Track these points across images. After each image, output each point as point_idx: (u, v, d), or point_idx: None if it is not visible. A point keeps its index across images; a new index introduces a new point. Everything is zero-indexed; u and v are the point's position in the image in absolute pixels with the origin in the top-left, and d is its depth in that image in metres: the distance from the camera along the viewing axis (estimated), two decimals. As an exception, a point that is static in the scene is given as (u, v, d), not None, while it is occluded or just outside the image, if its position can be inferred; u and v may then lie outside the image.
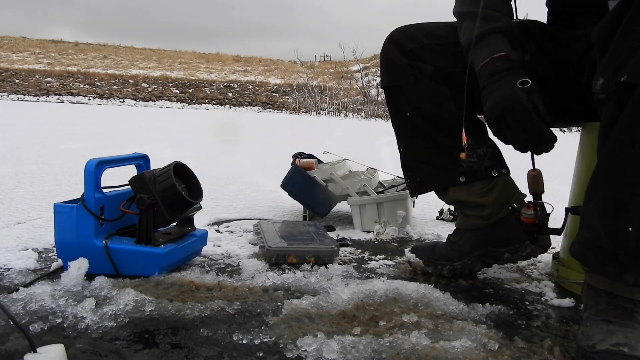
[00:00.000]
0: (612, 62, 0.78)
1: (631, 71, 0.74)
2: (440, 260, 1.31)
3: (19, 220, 1.79)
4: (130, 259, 1.21)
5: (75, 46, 39.12)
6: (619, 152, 0.78)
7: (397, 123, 1.34)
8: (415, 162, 1.33)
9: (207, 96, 27.05)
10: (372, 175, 2.09)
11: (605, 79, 0.79)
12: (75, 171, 3.07)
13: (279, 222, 1.73)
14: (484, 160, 1.26)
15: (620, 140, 0.77)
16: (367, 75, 27.82)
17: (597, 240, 0.82)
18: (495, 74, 1.03)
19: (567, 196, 1.46)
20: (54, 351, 0.78)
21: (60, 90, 24.72)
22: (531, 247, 1.25)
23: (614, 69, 0.77)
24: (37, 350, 0.77)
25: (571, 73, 1.15)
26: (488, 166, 1.26)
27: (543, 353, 0.90)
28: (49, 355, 0.77)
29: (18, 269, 1.24)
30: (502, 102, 1.00)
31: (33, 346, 0.76)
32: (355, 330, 0.95)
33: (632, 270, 0.77)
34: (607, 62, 0.79)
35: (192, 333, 0.94)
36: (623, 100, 0.76)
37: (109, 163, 1.26)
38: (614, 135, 0.79)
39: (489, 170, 1.25)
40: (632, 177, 0.76)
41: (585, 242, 0.84)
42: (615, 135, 0.78)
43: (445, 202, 1.36)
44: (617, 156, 0.78)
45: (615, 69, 0.76)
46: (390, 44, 1.29)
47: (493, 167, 1.26)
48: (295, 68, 35.48)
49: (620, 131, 0.77)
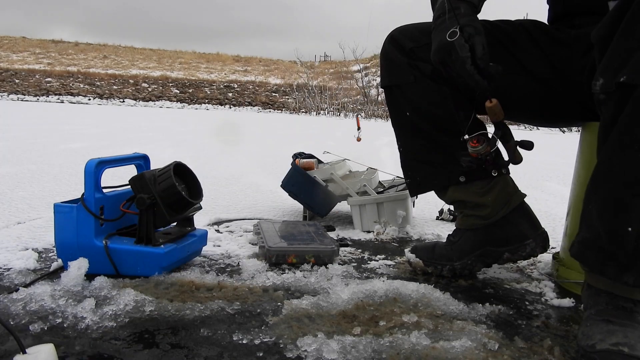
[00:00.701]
0: (612, 63, 0.78)
1: (630, 71, 0.74)
2: (440, 260, 1.31)
3: (19, 220, 1.79)
4: (130, 259, 1.21)
5: (75, 46, 39.12)
6: (619, 152, 0.78)
7: (397, 123, 1.34)
8: (415, 162, 1.33)
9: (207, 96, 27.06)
10: (372, 175, 2.09)
11: (605, 79, 0.79)
12: (75, 171, 3.07)
13: (279, 222, 1.73)
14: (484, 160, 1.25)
15: (620, 140, 0.77)
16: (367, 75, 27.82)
17: (596, 240, 0.82)
18: (440, 15, 1.08)
19: (566, 196, 1.46)
20: (43, 351, 0.77)
21: (60, 90, 24.73)
22: (531, 246, 1.25)
23: (613, 69, 0.77)
24: (27, 352, 0.76)
25: (571, 73, 1.15)
26: (487, 166, 1.25)
27: (543, 353, 0.90)
28: (38, 355, 0.76)
29: (18, 269, 1.24)
30: (439, 50, 1.07)
31: (22, 347, 0.76)
32: (355, 330, 0.95)
33: (632, 270, 0.77)
34: (606, 63, 0.79)
35: (192, 333, 0.94)
36: (623, 100, 0.76)
37: (109, 163, 1.26)
38: (614, 135, 0.79)
39: (488, 170, 1.25)
40: (632, 177, 0.76)
41: (585, 242, 0.84)
42: (614, 135, 0.78)
43: (445, 201, 1.36)
44: (616, 156, 0.78)
45: (615, 70, 0.76)
46: (390, 43, 1.29)
47: (493, 166, 1.26)
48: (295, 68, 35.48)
49: (620, 131, 0.77)
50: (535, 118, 1.33)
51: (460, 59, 1.02)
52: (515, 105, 1.23)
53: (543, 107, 1.24)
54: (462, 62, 1.02)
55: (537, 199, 2.68)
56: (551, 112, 1.25)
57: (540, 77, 1.19)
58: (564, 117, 1.26)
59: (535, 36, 1.20)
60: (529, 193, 1.35)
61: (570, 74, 1.16)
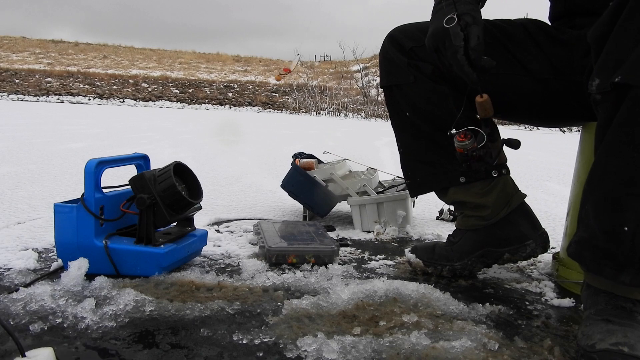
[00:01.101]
0: (607, 63, 0.78)
1: (626, 72, 0.74)
2: (440, 261, 1.31)
3: (19, 220, 1.79)
4: (130, 259, 1.21)
5: (75, 46, 39.13)
6: (615, 152, 0.78)
7: (397, 123, 1.34)
8: (415, 163, 1.33)
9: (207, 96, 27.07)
10: (372, 175, 2.09)
11: (601, 80, 0.79)
12: (75, 171, 3.07)
13: (279, 222, 1.73)
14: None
15: (616, 140, 0.77)
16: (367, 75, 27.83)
17: (593, 240, 0.82)
18: (441, 1, 1.06)
19: (566, 196, 1.46)
20: (42, 355, 0.77)
21: (60, 90, 24.74)
22: (531, 247, 1.25)
23: (608, 69, 0.77)
24: (26, 355, 0.76)
25: (571, 73, 1.15)
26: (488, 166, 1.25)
27: (543, 353, 0.90)
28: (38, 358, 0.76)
29: (18, 269, 1.24)
30: (433, 35, 1.05)
31: (22, 350, 0.76)
32: (355, 330, 0.95)
33: (628, 269, 0.77)
34: (602, 63, 0.79)
35: (192, 333, 0.94)
36: (618, 100, 0.76)
37: (109, 163, 1.26)
38: (610, 135, 0.79)
39: (489, 170, 1.25)
40: (627, 176, 0.76)
41: (582, 242, 0.84)
42: (610, 136, 0.78)
43: (445, 202, 1.36)
44: (612, 156, 0.78)
45: (610, 70, 0.76)
46: (390, 43, 1.29)
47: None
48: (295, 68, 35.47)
49: (616, 131, 0.77)
50: (535, 118, 1.33)
51: (453, 47, 0.99)
52: (515, 105, 1.23)
53: (543, 107, 1.23)
54: (455, 51, 0.99)
55: (537, 199, 2.68)
56: (551, 112, 1.25)
57: (540, 77, 1.19)
58: (564, 117, 1.26)
59: (535, 36, 1.20)
60: (529, 193, 1.35)
61: (571, 74, 1.15)
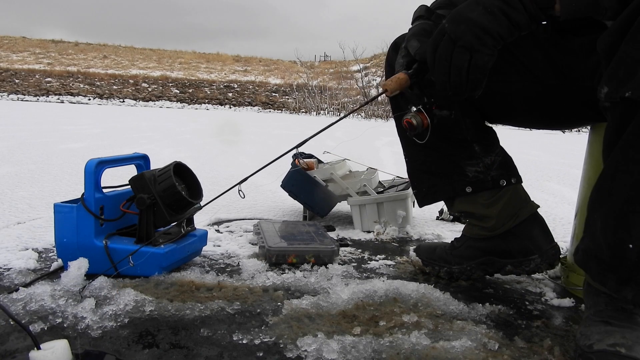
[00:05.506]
0: (617, 72, 0.77)
1: (635, 87, 0.73)
2: (438, 262, 1.31)
3: (19, 220, 1.79)
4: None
5: (75, 46, 39.14)
6: (623, 168, 0.77)
7: (402, 131, 1.32)
8: (420, 172, 1.30)
9: (207, 96, 27.08)
10: (372, 175, 2.09)
11: (610, 89, 0.78)
12: (75, 171, 3.07)
13: (279, 222, 1.73)
14: (491, 170, 1.22)
15: (624, 157, 0.77)
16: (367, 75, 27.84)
17: (598, 252, 0.82)
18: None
19: (567, 196, 1.46)
20: (59, 347, 0.77)
21: (60, 90, 24.75)
22: (536, 262, 1.20)
23: (618, 79, 0.76)
24: (41, 347, 0.76)
25: (577, 78, 1.14)
26: (495, 175, 1.21)
27: (543, 353, 0.90)
28: (55, 350, 0.76)
29: (18, 269, 1.24)
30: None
31: (36, 343, 0.76)
32: (355, 330, 0.95)
33: (631, 284, 0.78)
34: (611, 72, 0.78)
35: (192, 333, 0.94)
36: (627, 114, 0.75)
37: (109, 163, 1.26)
38: (618, 150, 0.78)
39: (496, 179, 1.21)
40: (634, 194, 0.75)
41: (588, 251, 0.84)
42: (619, 150, 0.78)
43: (452, 212, 1.34)
44: (620, 172, 0.77)
45: (620, 80, 0.76)
46: (394, 50, 1.27)
47: (501, 176, 1.22)
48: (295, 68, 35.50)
49: (625, 147, 0.76)
50: (540, 122, 1.31)
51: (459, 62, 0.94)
52: (521, 109, 1.21)
53: (548, 110, 1.22)
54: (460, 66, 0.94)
55: (537, 199, 2.66)
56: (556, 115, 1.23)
57: (545, 82, 1.18)
58: (569, 119, 1.24)
59: (540, 41, 1.19)
60: (529, 193, 1.34)
61: (576, 78, 1.14)
